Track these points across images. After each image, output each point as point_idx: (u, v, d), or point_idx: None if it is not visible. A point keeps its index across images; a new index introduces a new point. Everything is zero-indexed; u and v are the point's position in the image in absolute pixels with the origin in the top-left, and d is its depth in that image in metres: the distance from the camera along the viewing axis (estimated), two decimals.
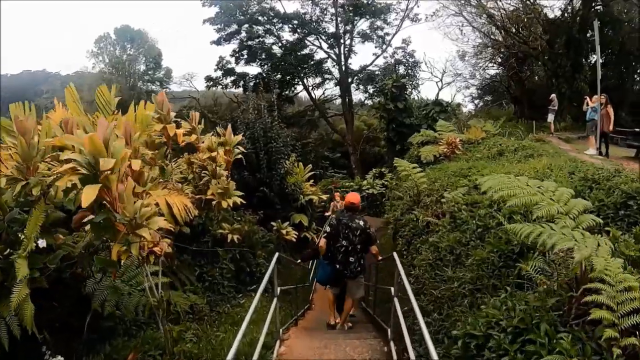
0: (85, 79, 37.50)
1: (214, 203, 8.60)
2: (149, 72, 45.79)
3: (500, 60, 25.35)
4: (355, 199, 6.57)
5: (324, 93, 36.77)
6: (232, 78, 34.00)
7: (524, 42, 21.27)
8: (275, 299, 5.02)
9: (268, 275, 4.52)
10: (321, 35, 32.94)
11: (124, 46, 45.38)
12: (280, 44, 33.42)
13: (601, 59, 13.99)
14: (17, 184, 4.90)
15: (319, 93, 36.40)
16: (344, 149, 34.19)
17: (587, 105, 12.98)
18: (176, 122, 8.41)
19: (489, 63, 27.50)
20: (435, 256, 5.60)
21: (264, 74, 33.22)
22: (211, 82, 34.24)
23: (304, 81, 34.74)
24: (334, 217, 6.73)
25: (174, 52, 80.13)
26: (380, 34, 33.35)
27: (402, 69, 33.05)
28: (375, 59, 34.49)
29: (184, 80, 39.36)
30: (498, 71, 28.20)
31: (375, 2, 31.72)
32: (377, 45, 33.92)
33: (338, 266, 6.23)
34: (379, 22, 32.99)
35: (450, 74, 33.26)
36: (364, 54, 77.04)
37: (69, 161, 4.13)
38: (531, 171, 6.99)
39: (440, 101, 22.10)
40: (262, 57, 33.21)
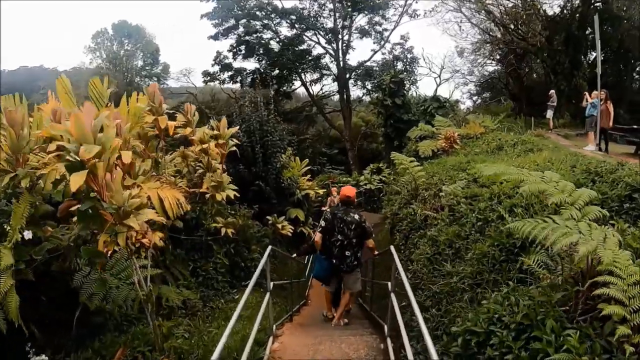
0: (83, 74, 37.15)
1: (208, 196, 8.45)
2: (147, 67, 45.70)
3: (499, 56, 25.24)
4: (351, 192, 6.48)
5: (321, 89, 36.80)
6: (230, 73, 33.87)
7: (522, 38, 21.15)
8: (268, 294, 4.86)
9: (260, 268, 4.36)
10: (319, 30, 32.83)
11: (121, 42, 45.27)
12: (278, 39, 33.29)
13: (601, 56, 13.84)
14: (6, 176, 4.83)
15: (317, 89, 36.45)
16: (342, 145, 34.14)
17: (587, 101, 12.83)
18: (169, 114, 8.30)
19: (488, 60, 27.44)
20: (434, 250, 5.46)
21: (261, 69, 33.04)
22: (208, 77, 34.12)
23: (302, 77, 34.67)
24: (329, 211, 6.64)
25: (170, 47, 79.97)
26: (378, 29, 33.40)
27: (400, 65, 32.99)
28: (373, 55, 34.53)
29: (181, 76, 39.43)
30: (496, 68, 28.13)
31: None
32: (375, 41, 33.99)
33: (334, 260, 6.17)
34: (378, 18, 33.01)
35: (448, 70, 33.28)
36: (362, 49, 77.03)
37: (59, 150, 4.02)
38: (532, 165, 6.87)
39: (438, 97, 21.96)
40: (260, 52, 33.09)
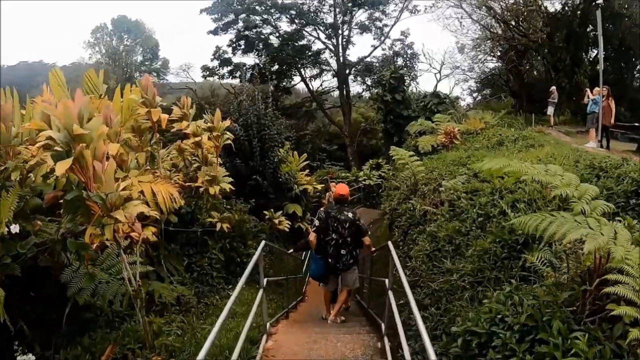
0: (82, 70, 36.93)
1: (202, 190, 8.33)
2: (146, 62, 45.52)
3: (500, 53, 25.05)
4: (344, 190, 6.42)
5: (321, 85, 36.54)
6: (229, 68, 33.68)
7: (523, 35, 20.98)
8: (262, 291, 4.72)
9: (252, 264, 4.21)
10: (319, 25, 32.60)
11: (120, 37, 45.10)
12: (278, 34, 33.08)
13: (602, 51, 13.72)
14: None
15: (317, 85, 36.16)
16: (341, 141, 33.97)
17: (588, 97, 12.69)
18: (168, 108, 8.16)
19: (488, 56, 27.23)
20: (433, 246, 5.31)
21: (261, 64, 32.84)
22: (208, 72, 33.92)
23: (302, 72, 34.46)
24: (322, 210, 6.55)
25: (171, 47, 79.86)
26: (378, 25, 33.14)
27: (400, 61, 32.82)
28: (373, 50, 34.31)
29: (181, 72, 39.26)
30: (497, 64, 27.93)
31: None
32: (375, 37, 33.75)
33: (330, 260, 6.11)
34: (378, 14, 32.75)
35: (448, 66, 33.08)
36: (362, 45, 76.89)
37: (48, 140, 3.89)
38: (534, 160, 6.71)
39: (438, 93, 21.77)
40: (260, 47, 32.89)
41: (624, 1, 20.42)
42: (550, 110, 16.17)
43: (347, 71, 33.52)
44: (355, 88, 35.99)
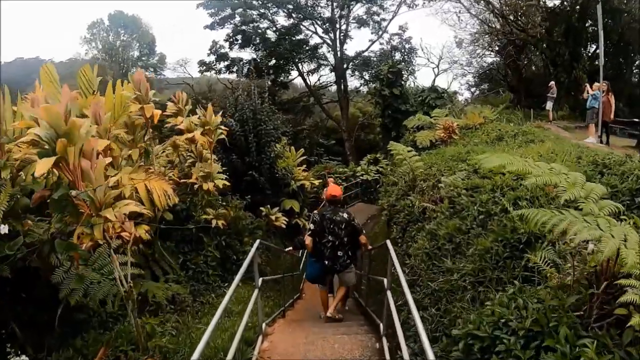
0: (78, 65, 36.68)
1: (197, 186, 8.21)
2: (143, 58, 45.35)
3: (498, 48, 24.93)
4: (337, 191, 6.44)
5: (319, 79, 36.34)
6: (226, 63, 33.35)
7: (522, 30, 20.81)
8: (257, 290, 4.61)
9: (246, 262, 4.10)
10: (316, 20, 32.29)
11: (117, 32, 44.88)
12: (275, 29, 32.76)
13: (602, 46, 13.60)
14: None
15: (314, 79, 35.95)
16: (339, 136, 33.82)
17: (587, 93, 12.59)
18: (165, 104, 8.00)
19: (486, 51, 27.12)
20: (433, 245, 5.19)
21: (258, 59, 32.56)
22: (204, 67, 33.59)
23: (299, 67, 34.17)
24: (317, 213, 6.49)
25: (171, 47, 79.50)
26: (376, 19, 32.84)
27: (398, 55, 32.65)
28: (371, 45, 34.04)
29: (178, 67, 38.99)
30: (495, 59, 27.81)
31: None
32: (373, 31, 33.48)
33: (327, 262, 6.10)
34: (375, 8, 32.45)
35: (446, 60, 32.93)
36: (359, 39, 76.46)
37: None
38: (534, 156, 6.60)
39: (436, 88, 21.63)
40: (257, 42, 32.56)
41: None
42: (549, 106, 16.08)
43: (345, 66, 33.24)
44: (353, 83, 35.85)
